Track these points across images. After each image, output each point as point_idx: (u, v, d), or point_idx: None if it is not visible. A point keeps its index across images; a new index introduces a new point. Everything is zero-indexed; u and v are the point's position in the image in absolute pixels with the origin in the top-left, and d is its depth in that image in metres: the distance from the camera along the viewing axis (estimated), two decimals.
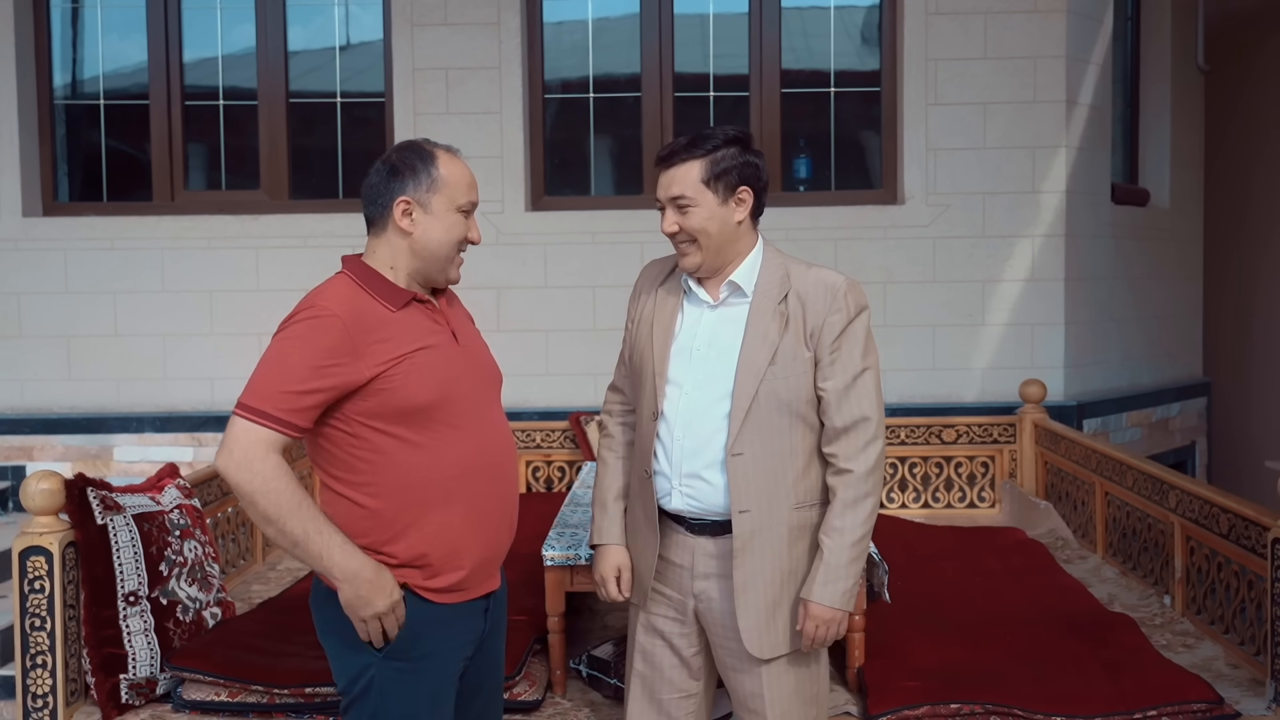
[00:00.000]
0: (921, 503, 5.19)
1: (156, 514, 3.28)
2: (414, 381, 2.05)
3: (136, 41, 5.71)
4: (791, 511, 2.27)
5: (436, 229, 2.12)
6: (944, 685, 2.92)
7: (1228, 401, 7.57)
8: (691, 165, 2.24)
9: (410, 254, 2.13)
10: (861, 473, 2.24)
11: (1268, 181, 7.54)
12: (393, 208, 2.11)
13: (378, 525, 2.07)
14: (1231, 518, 3.28)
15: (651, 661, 2.42)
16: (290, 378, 1.99)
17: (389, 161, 2.14)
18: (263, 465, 1.97)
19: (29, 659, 2.95)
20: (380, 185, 2.13)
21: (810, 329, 2.26)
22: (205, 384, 5.54)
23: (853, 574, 2.25)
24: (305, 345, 2.00)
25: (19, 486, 3.17)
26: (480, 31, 5.44)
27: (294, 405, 1.99)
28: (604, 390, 2.61)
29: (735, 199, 2.27)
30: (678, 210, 2.26)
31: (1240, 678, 3.13)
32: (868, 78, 5.68)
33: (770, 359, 2.24)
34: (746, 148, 2.28)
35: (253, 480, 1.97)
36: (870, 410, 2.26)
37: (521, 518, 2.59)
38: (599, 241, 5.43)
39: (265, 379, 2.01)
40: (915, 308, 5.47)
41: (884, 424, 2.31)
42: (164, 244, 5.53)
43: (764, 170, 2.31)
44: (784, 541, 2.27)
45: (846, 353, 2.26)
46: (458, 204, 2.14)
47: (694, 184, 2.24)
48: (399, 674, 2.08)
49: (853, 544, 2.24)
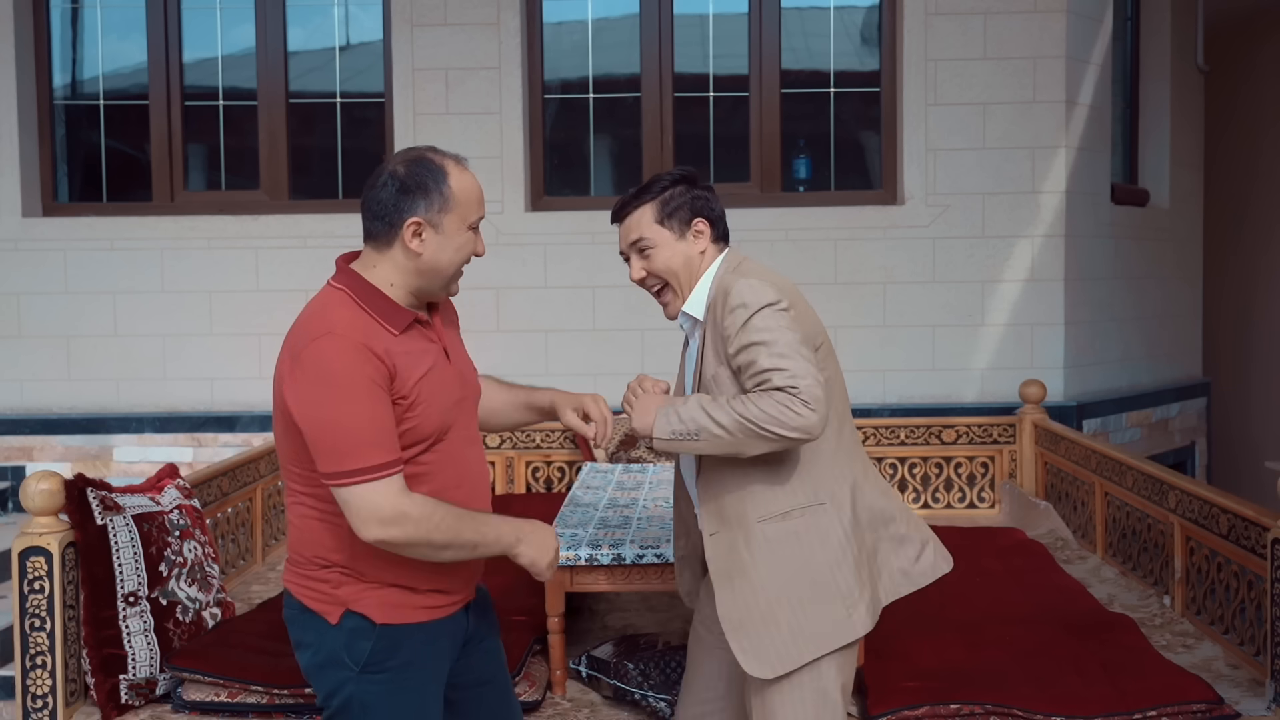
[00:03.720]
0: (921, 503, 5.19)
1: (156, 514, 3.28)
2: (421, 413, 1.99)
3: (136, 41, 5.71)
4: (758, 525, 2.22)
5: (447, 249, 2.03)
6: (944, 686, 2.92)
7: (1227, 402, 7.58)
8: (644, 209, 2.30)
9: (415, 274, 2.03)
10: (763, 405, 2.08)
11: (1267, 181, 7.54)
12: (403, 229, 1.99)
13: (353, 544, 1.98)
14: (1231, 518, 3.28)
15: (691, 661, 2.49)
16: (362, 424, 1.89)
17: (398, 178, 2.00)
18: (410, 508, 1.91)
19: (29, 659, 2.94)
20: (389, 202, 2.00)
21: (721, 338, 2.21)
22: (205, 384, 5.54)
23: (687, 421, 2.13)
24: (348, 382, 1.90)
25: (19, 487, 3.17)
26: (480, 31, 5.44)
27: (389, 441, 1.92)
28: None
29: (692, 231, 2.31)
30: (640, 255, 2.31)
31: (1240, 678, 3.12)
32: (867, 78, 5.68)
33: (697, 381, 2.28)
34: (694, 185, 2.33)
35: (417, 529, 1.91)
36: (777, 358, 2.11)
37: (521, 518, 2.59)
38: (599, 242, 5.43)
39: (344, 439, 1.89)
40: (915, 308, 5.47)
41: (802, 368, 2.10)
42: (164, 244, 5.53)
43: (715, 202, 2.35)
44: (759, 555, 2.23)
45: (750, 339, 2.15)
46: (469, 221, 2.05)
47: (649, 225, 2.29)
48: (381, 687, 2.01)
49: (711, 412, 2.11)
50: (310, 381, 1.91)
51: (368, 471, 1.89)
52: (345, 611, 2.01)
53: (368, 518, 1.89)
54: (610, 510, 3.64)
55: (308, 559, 2.05)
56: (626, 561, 3.14)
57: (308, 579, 2.05)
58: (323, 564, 2.03)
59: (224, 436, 5.39)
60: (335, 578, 2.02)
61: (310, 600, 2.04)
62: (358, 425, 1.89)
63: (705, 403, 2.15)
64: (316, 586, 2.03)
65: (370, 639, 2.00)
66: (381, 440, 1.90)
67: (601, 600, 3.91)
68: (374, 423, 1.90)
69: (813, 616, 2.20)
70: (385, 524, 1.90)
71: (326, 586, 2.02)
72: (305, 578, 2.05)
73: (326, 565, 2.03)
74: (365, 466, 1.89)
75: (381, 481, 1.90)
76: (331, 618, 2.01)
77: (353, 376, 1.89)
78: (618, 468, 4.54)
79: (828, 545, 2.22)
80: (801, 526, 2.22)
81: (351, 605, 2.01)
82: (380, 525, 1.89)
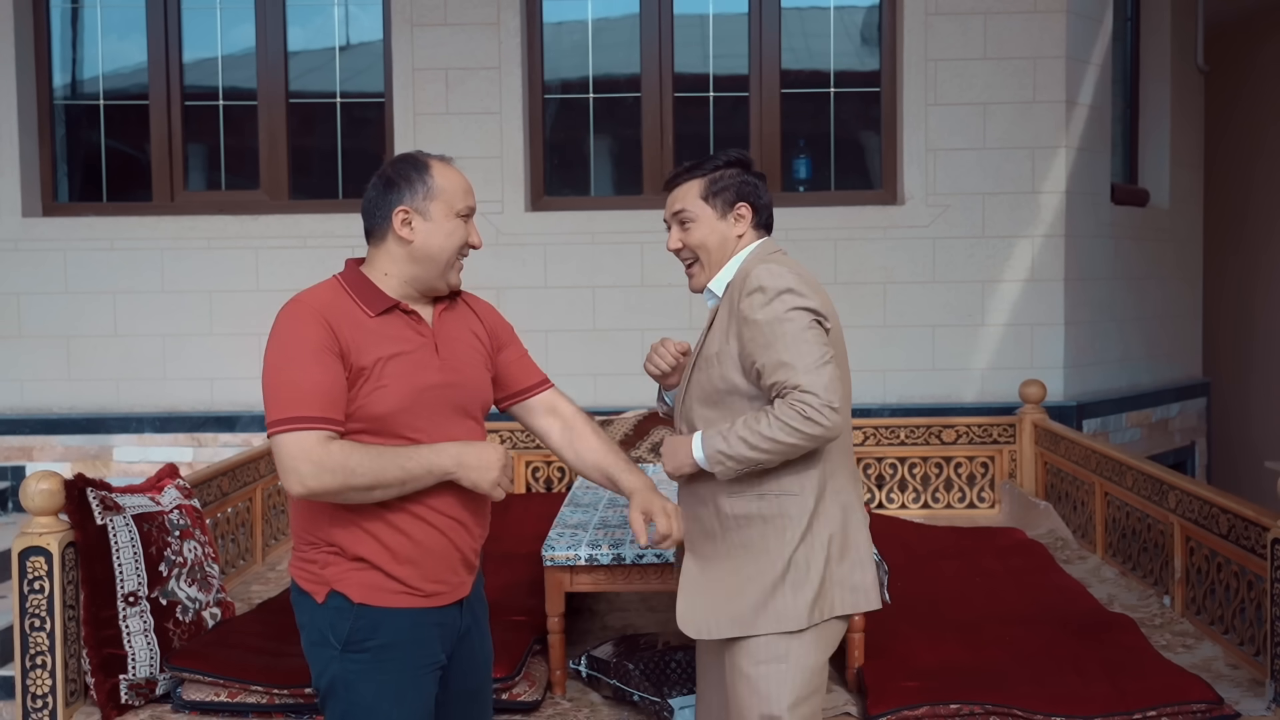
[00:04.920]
0: (921, 503, 5.19)
1: (156, 514, 3.28)
2: (377, 391, 2.04)
3: (136, 41, 5.71)
4: (728, 501, 2.26)
5: (437, 235, 2.14)
6: (944, 685, 2.92)
7: (1227, 402, 7.58)
8: (692, 183, 2.37)
9: (410, 261, 2.14)
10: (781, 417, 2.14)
11: (1267, 182, 7.54)
12: (392, 217, 2.13)
13: (334, 518, 2.08)
14: (1231, 518, 3.28)
15: (705, 678, 2.48)
16: (299, 379, 1.98)
17: (384, 175, 2.16)
18: (326, 456, 1.95)
19: (29, 659, 2.95)
20: (377, 199, 2.16)
21: (736, 321, 2.25)
22: (205, 384, 5.54)
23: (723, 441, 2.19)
24: (294, 344, 2.01)
25: (19, 487, 3.17)
26: (480, 32, 5.44)
27: (320, 399, 1.98)
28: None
29: (734, 214, 2.36)
30: (680, 226, 2.38)
31: (1240, 678, 3.13)
32: (867, 78, 5.68)
33: (699, 354, 2.34)
34: (746, 169, 2.39)
35: (334, 477, 1.95)
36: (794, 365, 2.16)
37: (521, 518, 2.59)
38: (598, 242, 5.43)
39: (278, 393, 1.99)
40: (915, 308, 5.47)
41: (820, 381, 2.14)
42: (164, 244, 5.53)
43: (764, 191, 2.40)
44: (723, 531, 2.28)
45: (768, 326, 2.19)
46: (456, 210, 2.16)
47: (694, 199, 2.35)
48: (362, 667, 2.08)
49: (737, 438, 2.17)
50: (270, 342, 2.05)
51: (294, 422, 1.96)
52: (330, 591, 2.09)
53: (289, 468, 1.96)
54: (610, 510, 3.64)
55: (302, 540, 2.14)
56: (626, 561, 3.14)
57: (301, 560, 2.15)
58: (311, 542, 2.12)
59: (224, 436, 5.40)
60: (322, 558, 2.10)
61: (303, 581, 2.13)
62: (294, 380, 1.98)
63: (744, 434, 2.17)
64: (307, 567, 2.13)
65: (349, 617, 2.08)
66: (316, 397, 1.98)
67: (601, 600, 3.91)
68: (310, 380, 1.98)
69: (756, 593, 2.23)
70: (304, 476, 1.95)
71: (315, 567, 2.11)
72: (299, 558, 2.16)
73: (314, 544, 2.12)
74: (292, 417, 1.96)
75: (305, 433, 1.96)
76: (318, 597, 2.10)
77: (300, 337, 2.01)
78: None
79: (802, 534, 2.24)
80: (776, 508, 2.25)
81: (335, 585, 2.08)
82: (299, 478, 1.95)
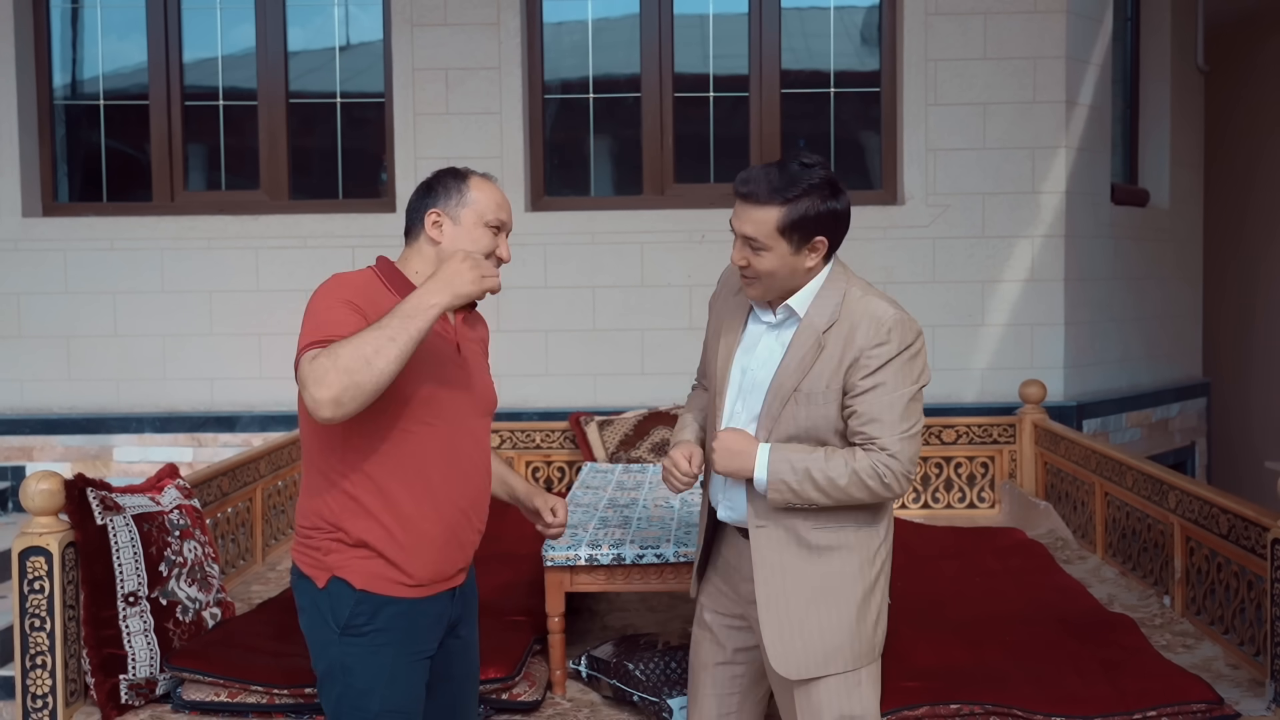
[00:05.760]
0: (921, 503, 5.19)
1: (156, 514, 3.28)
2: (399, 376, 2.05)
3: (136, 42, 5.71)
4: (811, 530, 2.25)
5: (463, 241, 2.22)
6: (944, 685, 2.92)
7: (1227, 402, 7.58)
8: (770, 211, 2.18)
9: (438, 262, 2.19)
10: (860, 472, 2.19)
11: (1267, 182, 7.55)
12: (425, 219, 2.24)
13: (341, 503, 2.15)
14: (1231, 518, 3.28)
15: (696, 653, 2.49)
16: (329, 317, 2.06)
17: (427, 181, 2.30)
18: (325, 356, 1.96)
19: (28, 659, 2.94)
20: (416, 201, 2.28)
21: (849, 359, 2.22)
22: (205, 384, 5.54)
23: (793, 475, 2.19)
24: (329, 297, 2.11)
25: (19, 487, 3.17)
26: (480, 32, 5.44)
27: (328, 331, 2.03)
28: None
29: (809, 248, 2.23)
30: (750, 249, 2.22)
31: (1240, 678, 3.13)
32: (867, 78, 5.68)
33: (796, 386, 2.24)
34: (831, 194, 2.22)
35: (340, 377, 1.94)
36: (890, 424, 2.20)
37: (521, 518, 2.61)
38: (598, 242, 5.43)
39: (307, 328, 2.07)
40: (915, 308, 5.37)
41: (908, 451, 2.20)
42: (164, 244, 5.53)
43: (844, 216, 2.27)
44: (804, 559, 2.26)
45: (883, 381, 2.20)
46: (485, 219, 2.25)
47: (769, 232, 2.19)
48: (359, 650, 2.16)
49: (808, 478, 2.19)
50: (305, 313, 2.12)
51: (309, 346, 2.03)
52: (331, 577, 2.16)
53: (312, 381, 1.96)
54: (610, 510, 3.64)
55: (305, 525, 2.21)
56: (626, 561, 3.14)
57: (303, 544, 2.22)
58: (315, 526, 2.19)
59: (224, 436, 5.40)
60: (326, 544, 2.17)
61: (304, 565, 2.21)
62: (318, 323, 2.07)
63: (816, 477, 2.18)
64: (309, 552, 2.20)
65: (350, 603, 2.15)
66: (325, 329, 2.05)
67: (601, 600, 3.91)
68: (331, 321, 2.06)
69: (842, 629, 2.26)
70: (316, 383, 1.95)
71: (318, 553, 2.18)
72: (301, 543, 2.22)
73: (317, 528, 2.18)
74: (309, 343, 2.04)
75: (303, 359, 2.02)
76: (320, 582, 2.17)
77: (331, 296, 2.12)
78: (618, 468, 4.54)
79: (872, 565, 2.29)
80: (854, 540, 2.27)
81: (337, 571, 2.16)
82: (314, 404, 1.96)
